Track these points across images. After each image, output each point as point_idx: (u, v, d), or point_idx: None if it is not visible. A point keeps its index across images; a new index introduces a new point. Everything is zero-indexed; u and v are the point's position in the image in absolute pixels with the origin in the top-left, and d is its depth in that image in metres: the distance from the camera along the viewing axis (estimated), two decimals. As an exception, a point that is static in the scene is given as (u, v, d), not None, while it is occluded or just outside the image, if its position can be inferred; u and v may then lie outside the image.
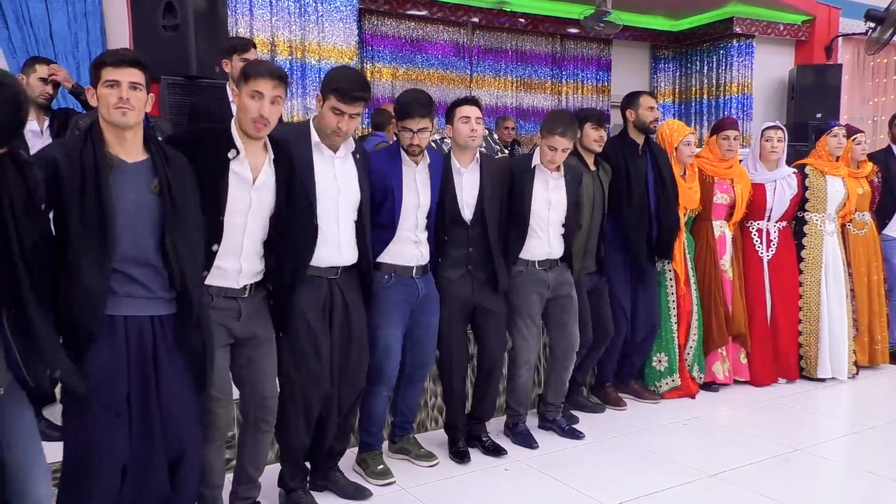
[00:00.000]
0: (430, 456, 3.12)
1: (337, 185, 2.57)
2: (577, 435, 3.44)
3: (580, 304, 3.49)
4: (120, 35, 4.85)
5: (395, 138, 3.02)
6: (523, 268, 3.28)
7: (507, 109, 7.30)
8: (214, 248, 2.21)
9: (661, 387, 3.99)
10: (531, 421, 3.54)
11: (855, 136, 4.43)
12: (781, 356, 4.25)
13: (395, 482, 2.92)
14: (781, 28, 7.69)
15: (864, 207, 4.51)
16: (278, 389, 2.48)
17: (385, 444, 3.17)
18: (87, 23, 4.85)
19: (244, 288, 2.32)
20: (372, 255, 2.78)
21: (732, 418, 3.80)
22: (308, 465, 2.77)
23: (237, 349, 2.36)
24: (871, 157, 4.61)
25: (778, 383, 4.25)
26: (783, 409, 3.99)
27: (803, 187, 4.25)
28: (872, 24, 7.26)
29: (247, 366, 2.37)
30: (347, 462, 3.03)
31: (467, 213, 3.06)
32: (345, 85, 2.45)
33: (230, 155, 2.22)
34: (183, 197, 2.06)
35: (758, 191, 4.14)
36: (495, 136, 5.58)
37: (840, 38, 7.83)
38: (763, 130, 4.17)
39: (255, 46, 3.70)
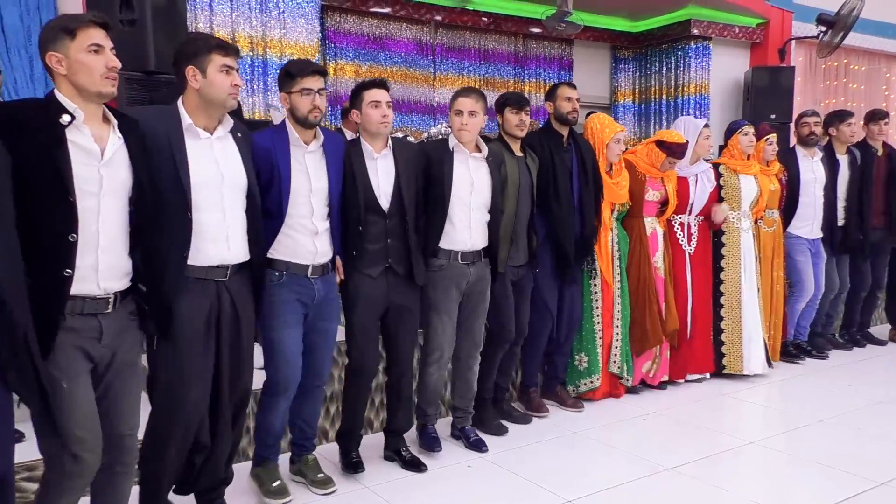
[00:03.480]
0: (327, 482, 2.84)
1: (219, 171, 2.27)
2: (481, 447, 3.27)
3: (504, 300, 3.36)
4: (74, 28, 4.73)
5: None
6: (445, 261, 3.09)
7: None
8: (71, 237, 1.83)
9: (579, 386, 3.95)
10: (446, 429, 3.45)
11: (767, 137, 4.58)
12: (695, 351, 4.31)
13: (291, 501, 2.73)
14: (737, 31, 7.86)
15: (774, 205, 4.65)
16: (139, 424, 2.11)
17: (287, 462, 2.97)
18: (40, 16, 4.73)
19: (107, 299, 1.93)
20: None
21: (689, 413, 3.89)
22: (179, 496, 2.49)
23: (94, 376, 1.97)
24: (778, 156, 4.74)
25: (687, 379, 4.31)
26: (735, 403, 4.10)
27: (718, 186, 4.38)
28: (824, 28, 7.48)
29: (104, 396, 1.99)
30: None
31: (384, 201, 2.83)
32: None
33: (63, 120, 1.85)
34: None
35: (682, 184, 4.21)
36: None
37: (793, 42, 8.04)
38: (702, 129, 4.21)
39: (214, 42, 3.66)
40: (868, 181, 5.01)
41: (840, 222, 4.97)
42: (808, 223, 4.79)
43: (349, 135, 5.67)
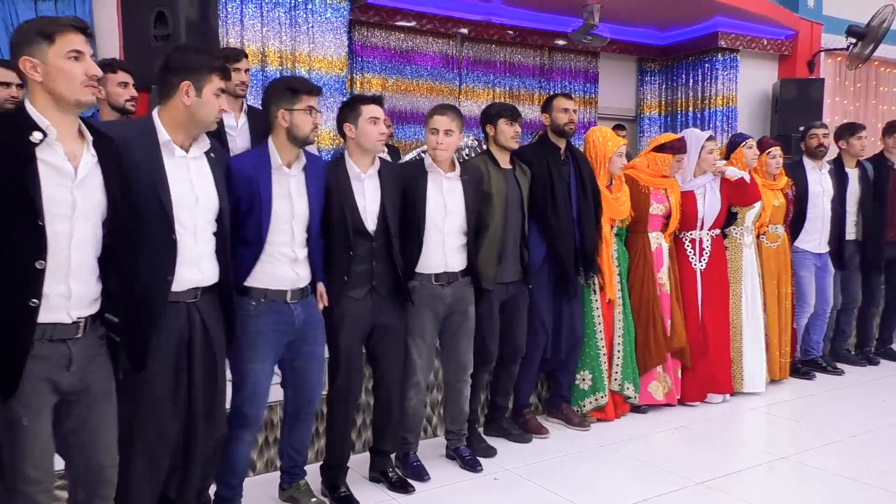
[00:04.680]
0: None
1: (193, 191, 2.17)
2: (475, 467, 3.19)
3: (488, 319, 3.26)
4: (110, 44, 4.84)
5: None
6: (417, 283, 2.99)
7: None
8: (39, 264, 1.69)
9: (584, 406, 3.82)
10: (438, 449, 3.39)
11: (769, 150, 4.47)
12: (713, 371, 4.16)
13: None
14: (765, 43, 7.81)
15: (779, 220, 4.54)
16: (118, 455, 1.97)
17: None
18: (76, 30, 4.83)
19: (76, 324, 1.80)
20: (237, 277, 2.40)
21: (715, 428, 3.84)
22: None
23: (64, 407, 1.82)
24: (784, 169, 4.64)
25: (707, 401, 4.16)
26: (762, 419, 4.06)
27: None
28: (853, 40, 7.40)
29: (79, 429, 1.84)
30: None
31: (371, 223, 2.75)
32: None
33: (34, 138, 1.70)
34: None
35: (688, 199, 4.10)
36: (485, 147, 5.61)
37: (822, 53, 7.96)
38: (704, 143, 4.11)
39: (246, 56, 3.74)
40: (882, 195, 4.89)
41: (850, 237, 4.87)
42: (816, 237, 4.70)
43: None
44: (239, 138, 3.50)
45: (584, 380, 3.82)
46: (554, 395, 3.85)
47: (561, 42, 7.46)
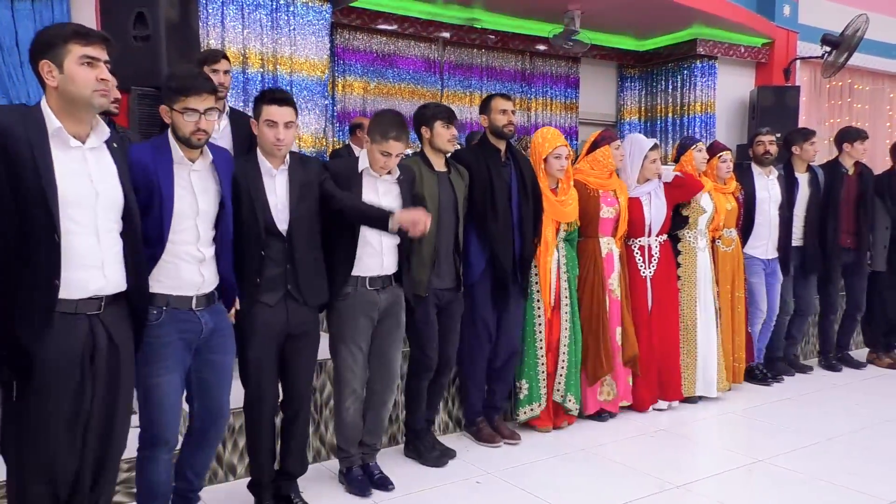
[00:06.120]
0: None
1: (92, 186, 1.94)
2: (387, 486, 3.00)
3: (426, 326, 3.17)
4: (88, 44, 4.79)
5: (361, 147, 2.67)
6: (352, 289, 2.86)
7: (478, 125, 7.37)
8: None
9: (519, 415, 3.71)
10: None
11: (720, 154, 4.46)
12: (663, 376, 4.14)
13: None
14: (742, 50, 7.93)
15: (732, 224, 4.53)
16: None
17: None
18: (54, 31, 4.78)
19: None
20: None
21: (689, 432, 3.87)
22: None
23: None
24: (734, 174, 4.62)
25: (657, 406, 4.13)
26: (736, 421, 4.09)
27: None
28: (828, 49, 7.55)
29: None
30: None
31: (282, 223, 2.60)
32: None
33: None
34: None
35: (634, 205, 4.06)
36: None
37: (798, 61, 8.09)
38: (648, 153, 4.04)
39: (225, 57, 3.71)
40: (835, 201, 4.88)
41: (798, 242, 4.86)
42: (763, 242, 4.67)
43: (356, 150, 5.73)
44: (221, 142, 3.46)
45: (521, 389, 3.69)
46: (486, 406, 3.65)
47: (542, 47, 7.51)
